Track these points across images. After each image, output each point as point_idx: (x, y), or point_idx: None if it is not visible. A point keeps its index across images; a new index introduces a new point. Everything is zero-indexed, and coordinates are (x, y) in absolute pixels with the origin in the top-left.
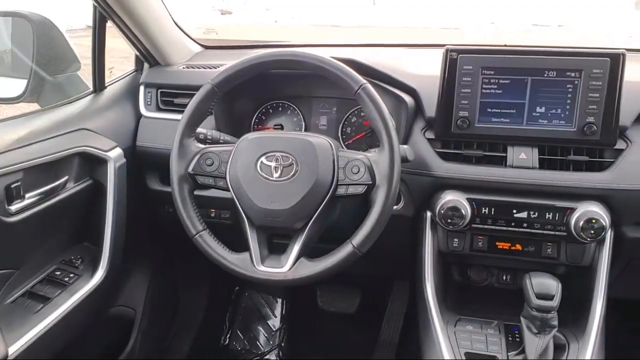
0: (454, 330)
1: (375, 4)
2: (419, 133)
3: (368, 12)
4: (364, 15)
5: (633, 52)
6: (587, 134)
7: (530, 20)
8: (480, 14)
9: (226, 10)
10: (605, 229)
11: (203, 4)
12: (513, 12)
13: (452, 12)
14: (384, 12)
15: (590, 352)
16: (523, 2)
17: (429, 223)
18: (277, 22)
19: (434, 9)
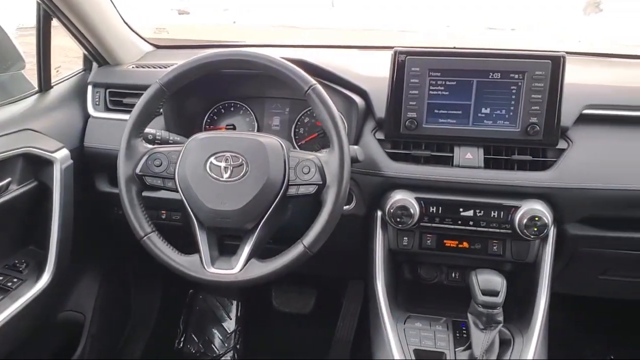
0: (404, 328)
1: (334, 5)
2: (370, 134)
3: (327, 13)
4: (323, 16)
5: (578, 55)
6: (530, 134)
7: (485, 24)
8: (437, 18)
9: (184, 11)
10: (547, 226)
11: (160, 4)
12: (468, 16)
13: (409, 15)
14: (342, 14)
15: (533, 346)
16: (479, 6)
17: (380, 222)
18: (235, 22)
19: (393, 12)
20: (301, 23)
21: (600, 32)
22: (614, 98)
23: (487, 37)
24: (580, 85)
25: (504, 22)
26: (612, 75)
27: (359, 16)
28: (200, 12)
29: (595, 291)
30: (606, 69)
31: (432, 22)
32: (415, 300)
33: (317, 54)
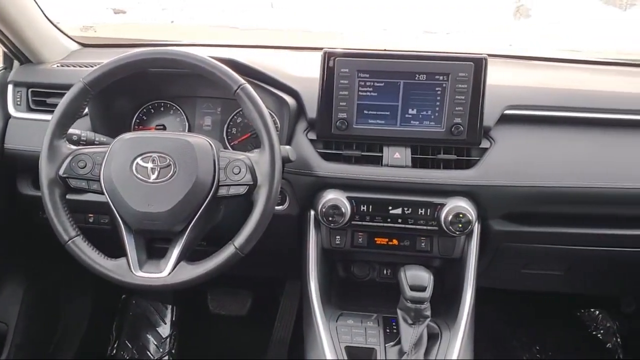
0: (336, 326)
1: (273, 6)
2: (302, 134)
3: (266, 14)
4: (263, 17)
5: (501, 58)
6: (454, 134)
7: (422, 28)
8: (375, 21)
9: (120, 10)
10: (471, 222)
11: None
12: (405, 20)
13: (349, 18)
14: (282, 15)
15: (459, 339)
16: (415, 10)
17: (313, 221)
18: (173, 22)
19: (332, 14)
20: (241, 23)
21: (529, 36)
22: (534, 99)
23: (422, 40)
24: (502, 87)
25: (439, 26)
26: (533, 77)
27: (299, 17)
28: (137, 11)
29: (518, 284)
30: (528, 71)
31: (371, 24)
32: (349, 298)
33: (250, 54)
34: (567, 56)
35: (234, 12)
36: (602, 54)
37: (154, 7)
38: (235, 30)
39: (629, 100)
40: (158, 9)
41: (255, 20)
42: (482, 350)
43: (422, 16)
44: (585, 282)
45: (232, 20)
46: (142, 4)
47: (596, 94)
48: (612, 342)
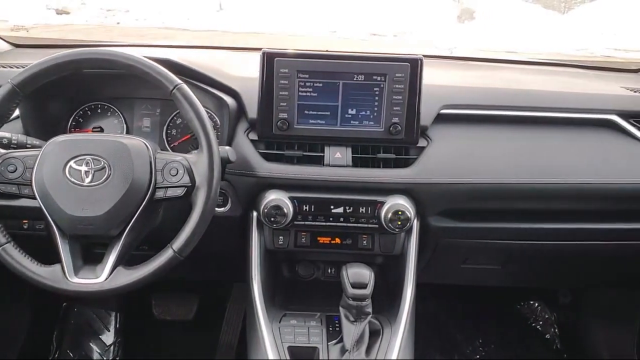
0: (279, 326)
1: (222, 8)
2: (242, 134)
3: (215, 16)
4: (211, 19)
5: (439, 59)
6: (393, 133)
7: (369, 30)
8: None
9: (63, 10)
10: (410, 220)
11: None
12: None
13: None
14: (230, 17)
15: (400, 335)
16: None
17: (255, 222)
18: (119, 23)
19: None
20: (189, 25)
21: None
22: (469, 98)
23: (370, 42)
24: (438, 87)
25: (386, 29)
26: (468, 77)
27: (248, 19)
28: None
29: (459, 279)
30: (464, 72)
31: (320, 27)
32: (294, 298)
33: (191, 54)
34: (502, 57)
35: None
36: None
37: (99, 8)
38: (185, 32)
39: (561, 98)
40: (104, 10)
41: (204, 22)
42: (427, 344)
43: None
44: (522, 276)
45: (181, 22)
46: (87, 5)
47: (530, 93)
48: (550, 332)
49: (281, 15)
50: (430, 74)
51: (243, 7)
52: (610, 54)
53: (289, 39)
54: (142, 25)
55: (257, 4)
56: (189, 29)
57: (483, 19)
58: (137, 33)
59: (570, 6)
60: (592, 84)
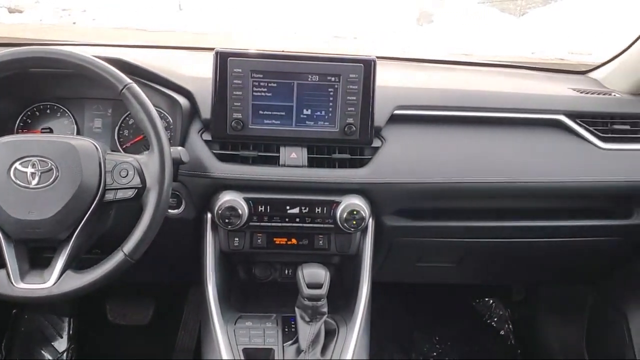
0: (234, 329)
1: (181, 8)
2: (196, 135)
3: (175, 16)
4: (171, 19)
5: (394, 60)
6: (347, 133)
7: (331, 33)
8: (286, 24)
9: (15, 9)
10: (365, 219)
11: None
12: (316, 24)
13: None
14: (190, 17)
15: (355, 334)
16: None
17: (210, 224)
18: (75, 23)
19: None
20: (148, 25)
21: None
22: (423, 99)
23: (331, 44)
24: (392, 88)
25: (348, 31)
26: (422, 79)
27: (208, 20)
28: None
29: (414, 278)
30: (418, 73)
31: (281, 28)
32: (250, 299)
33: (143, 54)
34: (455, 58)
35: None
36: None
37: (54, 7)
38: (143, 32)
39: (512, 99)
40: (59, 9)
41: (163, 22)
42: (385, 343)
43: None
44: (476, 273)
45: (139, 22)
46: (41, 3)
47: (481, 94)
48: (504, 329)
49: (242, 16)
50: (385, 75)
51: (203, 8)
52: (565, 57)
53: (250, 40)
54: (99, 26)
55: (218, 5)
56: (147, 29)
57: (441, 22)
58: (94, 33)
59: (524, 10)
60: (541, 85)
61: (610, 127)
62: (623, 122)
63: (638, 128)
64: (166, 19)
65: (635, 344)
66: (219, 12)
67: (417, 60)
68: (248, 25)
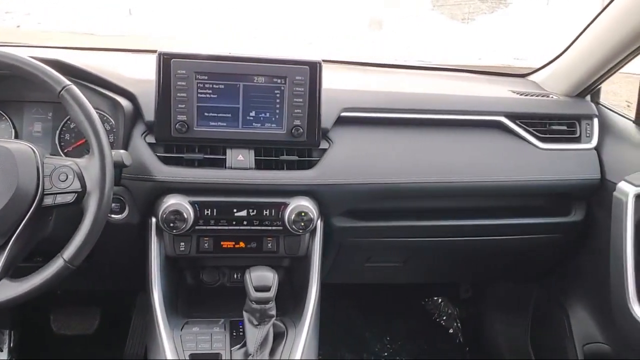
0: (180, 334)
1: (132, 13)
2: (140, 137)
3: (125, 21)
4: (121, 24)
5: (340, 64)
6: (295, 135)
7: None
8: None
9: None
10: (313, 220)
11: None
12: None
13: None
14: (140, 22)
15: (304, 336)
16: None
17: (154, 229)
18: (19, 27)
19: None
20: (97, 30)
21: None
22: (369, 101)
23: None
24: (339, 91)
25: (301, 36)
26: (369, 82)
27: (158, 24)
28: None
29: (363, 278)
30: (365, 76)
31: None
32: (198, 305)
33: (85, 57)
34: (401, 63)
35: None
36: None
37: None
38: (92, 36)
39: (454, 101)
40: (1, 12)
41: (113, 27)
42: (337, 343)
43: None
44: (423, 272)
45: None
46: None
47: (426, 97)
48: (453, 327)
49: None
50: (333, 78)
51: (153, 12)
52: (510, 64)
53: (201, 43)
54: (45, 29)
55: (168, 9)
56: (96, 33)
57: (391, 28)
58: (40, 37)
59: (472, 17)
60: (483, 88)
61: (549, 127)
62: (560, 122)
63: (574, 128)
64: (116, 23)
65: (575, 337)
66: (170, 17)
67: (364, 64)
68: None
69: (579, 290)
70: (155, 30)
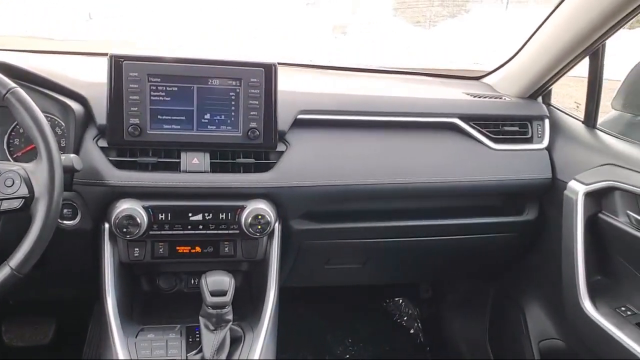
0: (135, 342)
1: (91, 18)
2: (91, 142)
3: (85, 25)
4: (81, 28)
5: (299, 67)
6: (251, 138)
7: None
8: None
9: None
10: (270, 223)
11: None
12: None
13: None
14: (101, 26)
15: (262, 340)
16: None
17: (108, 235)
18: None
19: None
20: (56, 34)
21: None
22: (326, 104)
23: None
24: (296, 93)
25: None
26: (326, 84)
27: (119, 28)
28: None
29: (324, 280)
30: (323, 79)
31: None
32: (154, 311)
33: (36, 60)
34: (360, 66)
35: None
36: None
37: None
38: (51, 41)
39: (410, 104)
40: None
41: (73, 31)
42: (298, 347)
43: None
44: (382, 273)
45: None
46: None
47: (382, 99)
48: (414, 327)
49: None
50: (290, 81)
51: (114, 16)
52: (470, 67)
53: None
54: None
55: (129, 13)
56: (55, 38)
57: (354, 33)
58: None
59: (433, 23)
60: (438, 90)
61: (501, 128)
62: (512, 123)
63: (526, 129)
64: (76, 28)
65: (531, 334)
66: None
67: (322, 67)
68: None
69: (533, 288)
70: (116, 36)
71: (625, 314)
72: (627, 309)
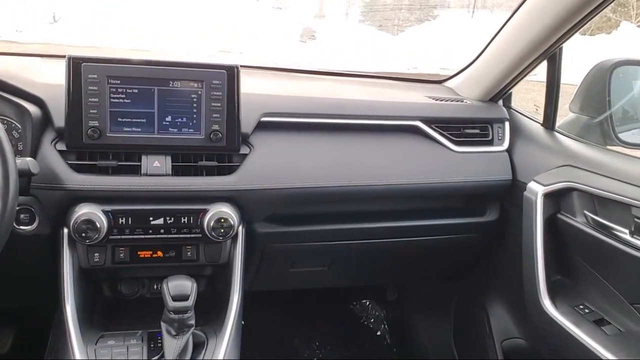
0: (94, 348)
1: (56, 20)
2: (49, 145)
3: (49, 28)
4: (45, 31)
5: (262, 70)
6: (213, 140)
7: (218, 48)
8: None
9: None
10: (234, 227)
11: None
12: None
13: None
14: (66, 30)
15: (225, 345)
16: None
17: (67, 240)
18: None
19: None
20: (19, 37)
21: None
22: (289, 107)
23: (217, 58)
24: (259, 95)
25: (234, 47)
26: (290, 87)
27: (84, 32)
28: None
29: (289, 284)
30: (287, 82)
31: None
32: (116, 318)
33: None
34: (324, 69)
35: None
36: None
37: None
38: (14, 44)
39: (373, 107)
40: None
41: (37, 34)
42: (265, 351)
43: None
44: (347, 275)
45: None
46: None
47: (345, 102)
48: (380, 329)
49: (122, 29)
50: (254, 83)
51: (80, 20)
52: (438, 72)
53: (129, 53)
54: None
55: (95, 17)
56: (18, 41)
57: (323, 38)
58: None
59: (401, 28)
60: (401, 94)
61: (462, 131)
62: (473, 126)
63: (487, 132)
64: (40, 31)
65: (494, 333)
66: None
67: (286, 70)
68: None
69: (496, 288)
70: (81, 40)
71: (583, 312)
72: (585, 307)
